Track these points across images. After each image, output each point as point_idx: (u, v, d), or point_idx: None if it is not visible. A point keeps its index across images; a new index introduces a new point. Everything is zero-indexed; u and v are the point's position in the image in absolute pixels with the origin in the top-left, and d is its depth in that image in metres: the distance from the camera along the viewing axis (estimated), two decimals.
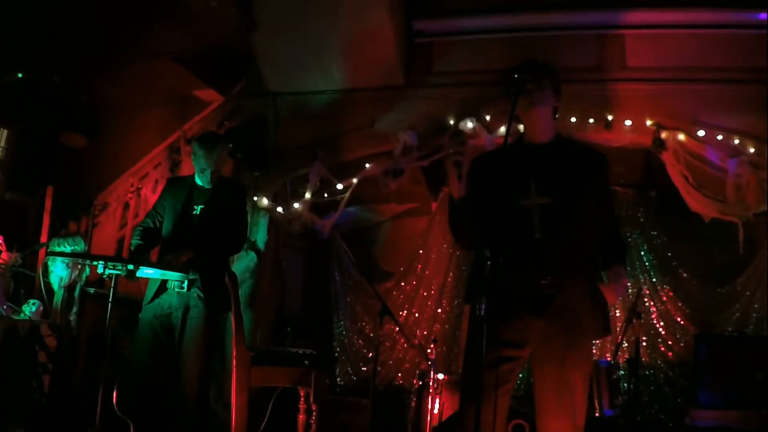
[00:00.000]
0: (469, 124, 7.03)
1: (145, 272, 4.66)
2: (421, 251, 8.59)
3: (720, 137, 6.61)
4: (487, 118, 7.03)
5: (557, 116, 3.51)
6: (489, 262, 3.00)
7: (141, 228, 5.16)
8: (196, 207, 5.00)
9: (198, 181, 5.10)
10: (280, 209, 7.59)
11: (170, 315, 4.84)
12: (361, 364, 8.56)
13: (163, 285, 4.83)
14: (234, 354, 5.16)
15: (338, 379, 8.58)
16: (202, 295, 4.80)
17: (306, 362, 5.63)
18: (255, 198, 7.61)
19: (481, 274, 3.05)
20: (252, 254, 7.45)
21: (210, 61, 7.53)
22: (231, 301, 5.00)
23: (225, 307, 4.95)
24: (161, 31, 6.93)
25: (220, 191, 5.09)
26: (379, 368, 7.79)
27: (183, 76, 7.47)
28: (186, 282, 4.76)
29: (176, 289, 4.80)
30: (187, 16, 6.71)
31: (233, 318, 5.19)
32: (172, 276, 4.72)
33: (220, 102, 8.02)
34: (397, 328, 7.21)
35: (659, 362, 7.55)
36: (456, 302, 8.30)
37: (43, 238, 7.07)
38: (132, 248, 5.09)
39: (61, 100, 7.20)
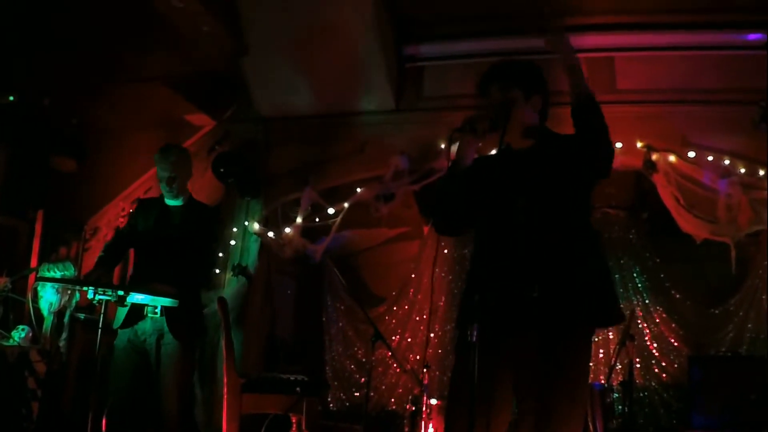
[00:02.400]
0: None
1: (136, 298, 4.62)
2: (413, 276, 8.56)
3: (710, 158, 6.62)
4: (481, 144, 7.01)
5: (545, 119, 3.36)
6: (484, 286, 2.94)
7: (108, 243, 5.18)
8: (166, 230, 4.94)
9: (167, 201, 5.05)
10: (271, 234, 7.56)
11: (144, 341, 4.79)
12: (354, 389, 8.50)
13: (138, 311, 4.75)
14: (225, 380, 5.12)
15: (330, 405, 8.50)
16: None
17: (298, 389, 5.60)
18: (246, 223, 7.59)
19: (472, 299, 2.98)
20: (242, 279, 7.41)
21: (201, 86, 7.53)
22: (201, 330, 5.04)
23: (195, 335, 4.95)
24: (153, 55, 6.92)
25: (191, 214, 5.05)
26: (372, 393, 7.76)
27: (174, 100, 7.44)
28: (159, 307, 4.69)
29: (149, 315, 4.73)
30: (178, 40, 6.71)
31: (224, 344, 5.18)
32: (162, 302, 4.66)
33: (211, 127, 8.01)
34: (390, 353, 7.17)
35: (653, 384, 7.51)
36: (448, 327, 8.25)
37: (33, 263, 7.03)
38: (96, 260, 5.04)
39: (52, 123, 7.17)
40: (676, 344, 7.53)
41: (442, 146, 7.08)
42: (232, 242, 7.66)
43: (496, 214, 3.22)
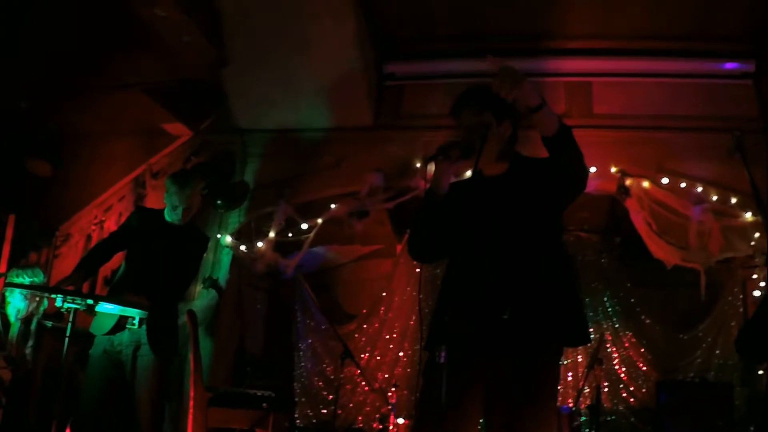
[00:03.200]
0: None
1: (105, 307, 4.58)
2: (384, 294, 8.52)
3: (683, 185, 6.67)
4: (456, 169, 6.99)
5: (515, 143, 3.32)
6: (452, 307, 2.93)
7: (97, 243, 5.29)
8: (160, 246, 4.93)
9: (167, 217, 5.04)
10: (243, 247, 7.47)
11: (120, 352, 4.76)
12: (321, 406, 8.40)
13: (120, 323, 4.71)
14: (191, 393, 5.06)
15: (297, 421, 8.40)
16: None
17: (264, 404, 5.56)
18: (219, 235, 7.50)
19: (442, 320, 2.97)
20: (213, 292, 7.32)
21: (180, 95, 7.50)
22: (177, 344, 5.03)
23: (172, 351, 4.97)
24: (133, 62, 6.88)
25: (188, 237, 5.08)
26: (339, 411, 7.67)
27: (152, 108, 7.41)
28: (137, 319, 4.66)
29: (127, 326, 4.69)
30: (160, 48, 6.68)
31: (192, 357, 5.15)
32: (132, 313, 4.62)
33: (188, 136, 7.96)
34: (359, 371, 7.12)
35: (621, 408, 7.50)
36: (418, 346, 8.20)
37: (2, 268, 6.90)
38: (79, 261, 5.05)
39: (29, 127, 7.08)
40: (644, 369, 7.54)
41: (418, 165, 7.06)
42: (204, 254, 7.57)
43: (469, 237, 3.22)
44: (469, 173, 3.46)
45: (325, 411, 8.30)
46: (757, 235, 6.58)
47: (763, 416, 5.47)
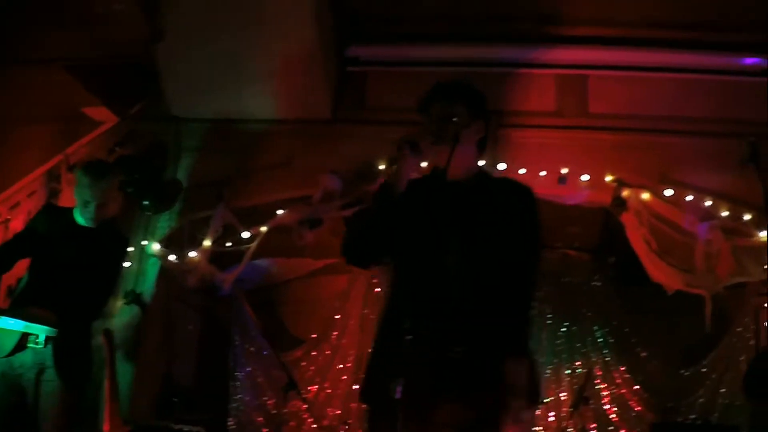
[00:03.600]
0: None
1: (7, 322, 4.52)
2: (338, 316, 8.48)
3: (690, 198, 6.66)
4: (423, 164, 6.97)
5: (484, 149, 3.43)
6: (408, 336, 2.90)
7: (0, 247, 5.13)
8: (70, 251, 4.83)
9: (78, 218, 4.93)
10: (173, 257, 7.36)
11: (21, 376, 4.65)
12: None
13: (22, 341, 4.60)
14: (105, 429, 5.05)
15: None
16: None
17: None
18: (144, 242, 7.41)
19: (397, 348, 2.95)
20: (135, 308, 7.21)
21: (106, 74, 7.42)
22: (90, 369, 4.89)
23: (83, 377, 4.84)
24: (51, 33, 6.75)
25: (102, 240, 4.95)
26: None
27: (71, 88, 7.31)
28: (42, 336, 4.56)
29: (30, 345, 4.59)
30: (83, 17, 6.58)
31: (107, 384, 5.14)
32: (37, 330, 4.55)
33: (112, 123, 7.85)
34: (305, 406, 7.05)
35: None
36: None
37: None
38: None
39: None
40: (638, 409, 7.55)
41: (382, 167, 7.01)
42: (127, 264, 7.45)
43: (425, 246, 3.25)
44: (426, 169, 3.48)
45: None
46: None
47: None
